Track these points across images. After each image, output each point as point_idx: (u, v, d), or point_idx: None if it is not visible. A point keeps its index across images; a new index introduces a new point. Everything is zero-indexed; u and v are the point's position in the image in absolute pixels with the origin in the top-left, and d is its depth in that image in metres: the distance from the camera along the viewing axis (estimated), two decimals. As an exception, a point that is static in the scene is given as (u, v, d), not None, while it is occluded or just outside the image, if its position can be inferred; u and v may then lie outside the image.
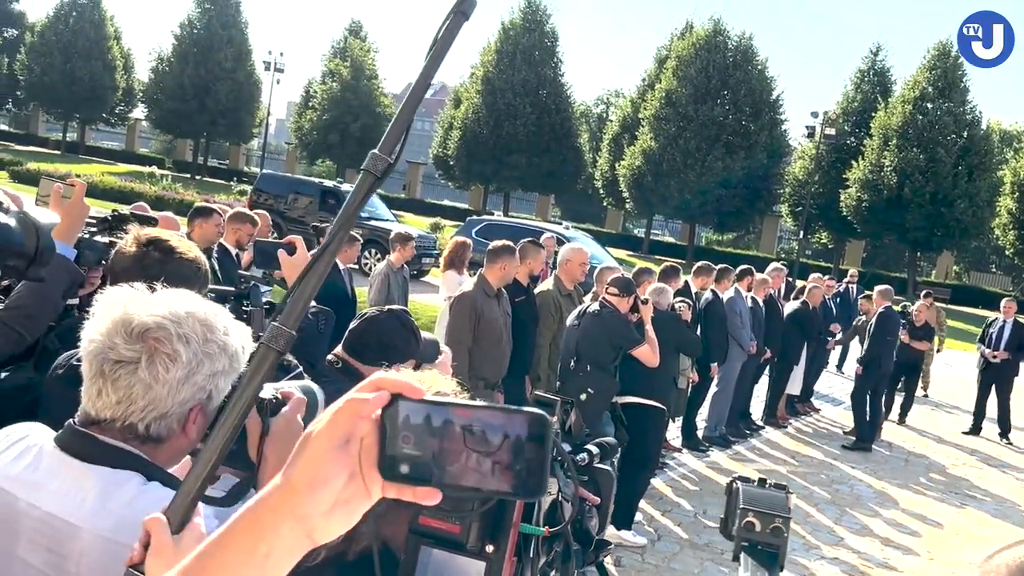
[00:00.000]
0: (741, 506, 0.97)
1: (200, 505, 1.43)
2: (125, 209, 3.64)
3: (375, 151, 1.09)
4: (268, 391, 1.45)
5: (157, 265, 2.33)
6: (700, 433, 10.02)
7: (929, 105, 37.58)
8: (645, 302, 6.68)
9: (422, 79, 1.11)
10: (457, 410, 0.81)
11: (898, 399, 12.89)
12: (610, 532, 6.75)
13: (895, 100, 38.88)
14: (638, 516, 7.05)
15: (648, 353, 6.53)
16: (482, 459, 0.80)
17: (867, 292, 14.24)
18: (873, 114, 39.18)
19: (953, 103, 37.39)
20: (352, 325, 3.02)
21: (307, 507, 0.83)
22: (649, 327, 6.63)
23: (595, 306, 6.60)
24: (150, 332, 1.42)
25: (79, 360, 2.18)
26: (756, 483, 0.99)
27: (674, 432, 9.71)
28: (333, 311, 3.17)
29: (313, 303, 3.70)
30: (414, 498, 0.82)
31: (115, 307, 1.45)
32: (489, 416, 0.80)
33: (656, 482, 8.05)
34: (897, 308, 13.28)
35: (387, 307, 3.11)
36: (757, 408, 11.69)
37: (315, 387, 1.60)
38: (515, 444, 0.79)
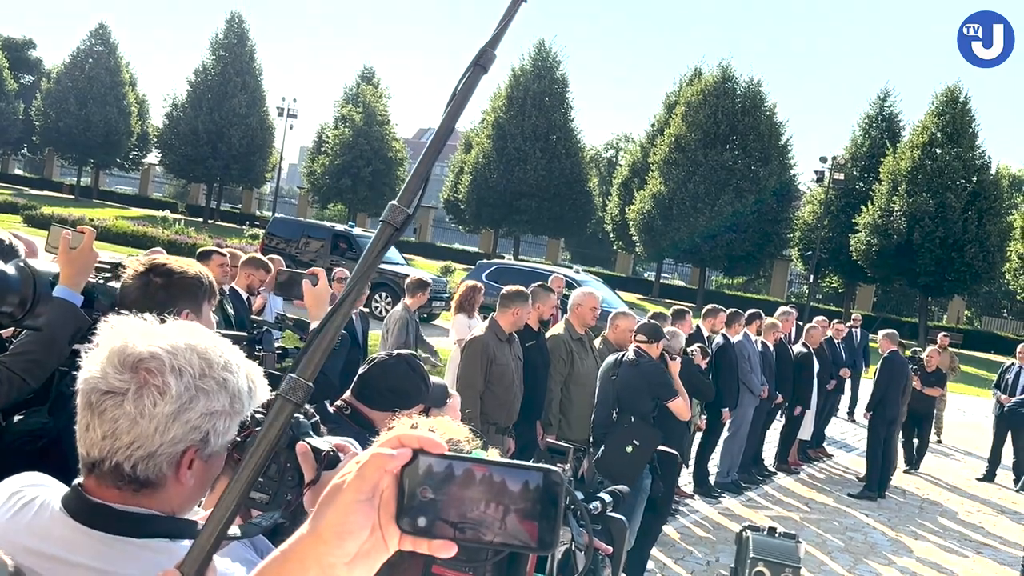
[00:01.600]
0: (752, 555, 0.98)
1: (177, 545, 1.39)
2: (139, 254, 3.68)
3: (394, 203, 1.09)
4: (326, 443, 1.45)
5: (161, 290, 2.36)
6: (712, 479, 9.94)
7: (938, 150, 37.69)
8: (673, 358, 6.67)
9: (442, 131, 1.12)
10: (474, 465, 0.84)
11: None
12: None
13: (904, 145, 39.02)
14: (650, 564, 6.96)
15: (683, 406, 6.50)
16: (497, 513, 0.83)
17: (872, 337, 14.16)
18: (882, 159, 39.30)
19: (962, 148, 37.49)
20: (361, 371, 3.00)
21: (333, 556, 0.87)
22: (678, 381, 6.60)
23: (631, 355, 6.53)
24: (143, 362, 1.31)
25: None
26: (766, 532, 1.00)
27: (686, 478, 9.63)
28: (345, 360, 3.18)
29: None
30: (430, 550, 0.85)
31: (116, 337, 1.35)
32: (505, 471, 0.84)
33: (668, 529, 7.97)
34: (907, 353, 13.20)
35: (396, 351, 3.11)
36: (769, 454, 11.59)
37: (355, 443, 1.58)
38: (530, 499, 0.82)
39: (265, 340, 2.96)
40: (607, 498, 1.93)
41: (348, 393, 2.97)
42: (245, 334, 3.03)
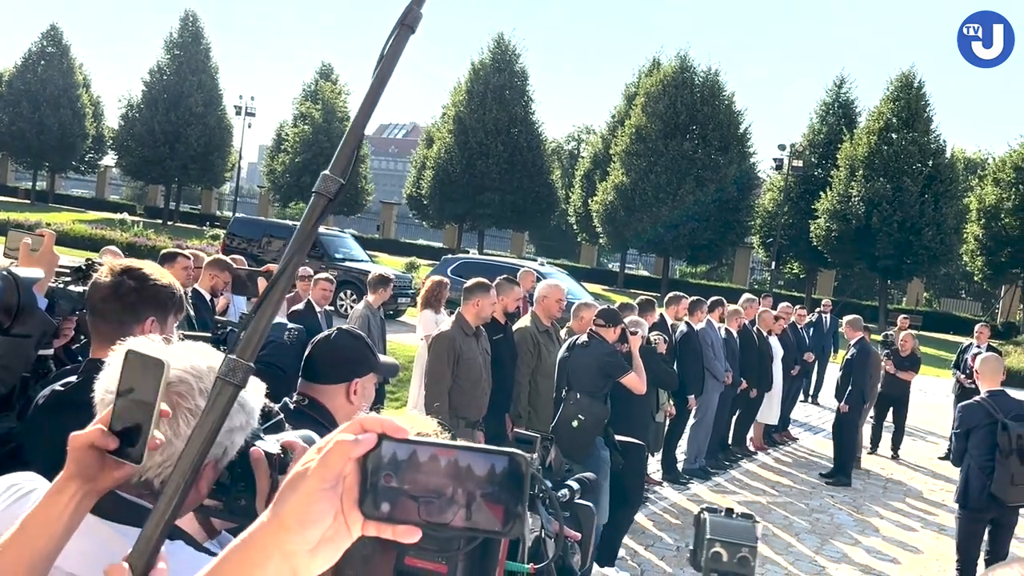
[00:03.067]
0: (708, 536, 1.00)
1: (187, 551, 1.43)
2: (98, 257, 3.64)
3: (326, 172, 1.06)
4: (274, 444, 1.44)
5: (133, 293, 2.35)
6: (680, 466, 10.03)
7: (894, 135, 38.20)
8: (634, 333, 6.77)
9: (371, 95, 1.09)
10: (439, 450, 0.84)
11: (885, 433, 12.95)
12: (594, 570, 6.72)
13: (860, 131, 39.50)
14: (621, 551, 7.03)
15: (636, 381, 6.61)
16: (462, 498, 0.82)
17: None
18: (839, 145, 39.76)
19: (917, 132, 38.03)
20: (306, 353, 2.93)
21: (295, 544, 0.86)
22: (637, 356, 6.73)
23: (583, 338, 6.69)
24: (172, 387, 1.39)
25: (63, 385, 2.17)
26: (723, 513, 1.02)
27: (654, 466, 9.71)
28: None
29: (289, 323, 3.67)
30: (394, 535, 0.85)
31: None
32: (469, 455, 0.83)
33: (638, 516, 8.03)
34: (878, 338, 13.37)
35: (335, 327, 3.05)
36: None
37: (315, 436, 1.58)
38: (495, 483, 0.82)
39: (229, 340, 2.93)
40: (575, 485, 1.95)
41: (300, 381, 2.91)
42: (209, 334, 3.01)
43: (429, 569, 1.48)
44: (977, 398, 6.46)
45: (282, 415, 1.60)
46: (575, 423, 6.23)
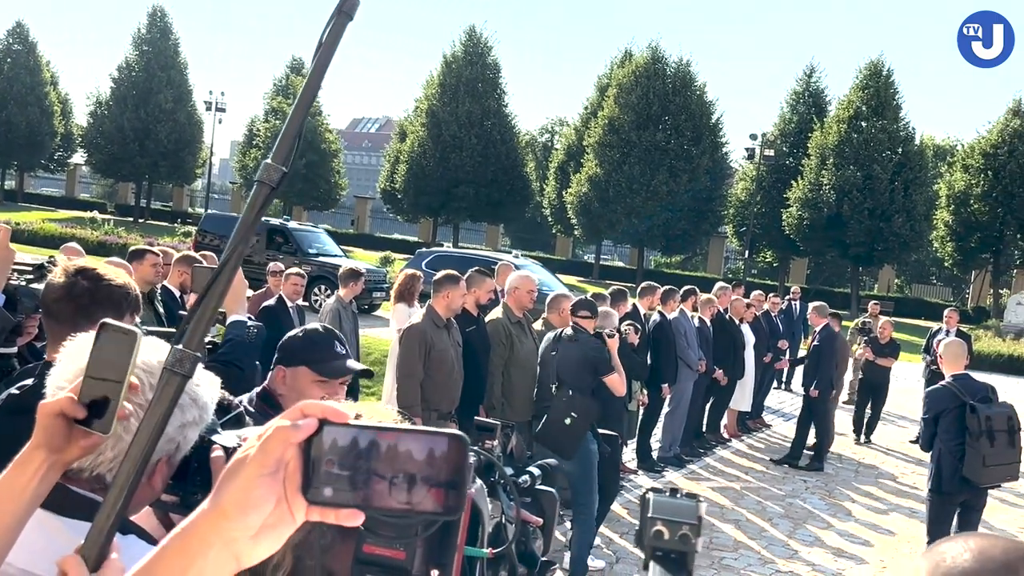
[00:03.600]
0: (650, 515, 1.02)
1: (140, 545, 1.43)
2: (61, 255, 3.62)
3: (267, 161, 1.06)
4: (232, 438, 1.44)
5: (87, 294, 2.34)
6: (655, 454, 10.09)
7: (863, 123, 38.52)
8: (611, 335, 6.79)
9: (310, 85, 1.09)
10: (379, 433, 0.84)
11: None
12: (569, 559, 6.76)
13: (830, 120, 39.80)
14: (596, 540, 7.07)
15: (618, 382, 6.63)
16: (404, 481, 0.83)
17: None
18: (810, 134, 40.04)
19: (887, 120, 38.37)
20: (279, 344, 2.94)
21: (235, 531, 0.86)
22: (617, 360, 6.72)
23: (569, 331, 6.68)
24: None
25: (19, 388, 2.16)
26: (668, 493, 1.04)
27: (629, 455, 9.77)
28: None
29: (251, 320, 3.62)
30: (337, 520, 0.85)
31: (84, 356, 1.37)
32: (411, 438, 0.84)
33: (613, 505, 8.07)
34: (849, 324, 13.43)
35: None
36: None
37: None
38: (436, 466, 0.83)
39: (178, 332, 2.92)
40: (536, 471, 1.97)
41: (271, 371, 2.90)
42: (173, 330, 3.00)
43: (387, 555, 1.49)
44: (943, 383, 6.54)
45: (242, 407, 1.60)
46: (568, 420, 6.24)
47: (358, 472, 0.84)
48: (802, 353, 13.08)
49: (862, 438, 12.68)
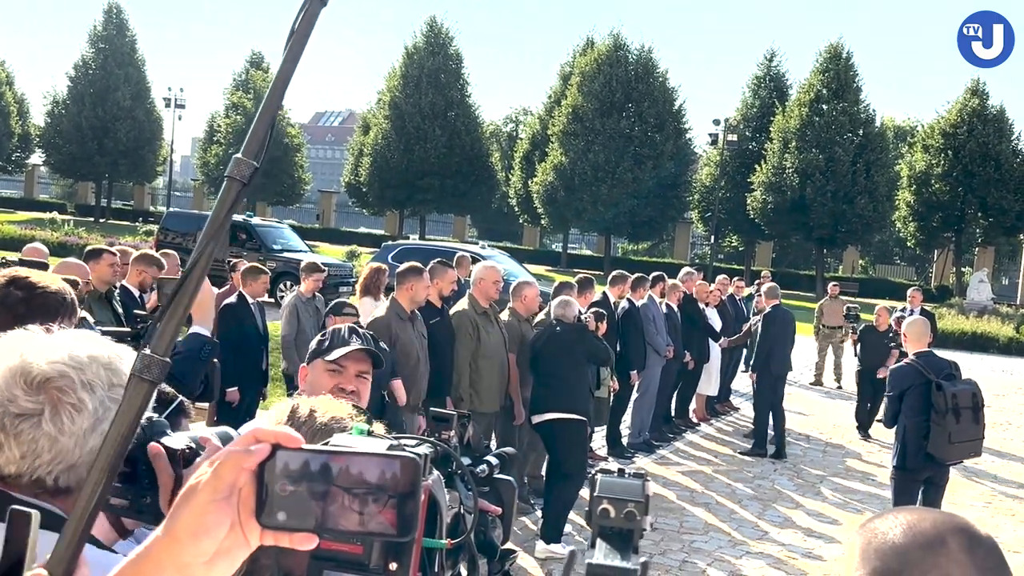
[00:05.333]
0: (596, 495, 1.04)
1: (93, 552, 1.39)
2: (13, 256, 3.54)
3: (238, 156, 1.03)
4: (183, 440, 1.42)
5: (21, 304, 2.30)
6: (625, 440, 10.13)
7: (824, 106, 38.90)
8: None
9: (283, 74, 1.06)
10: (331, 458, 0.85)
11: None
12: (540, 547, 6.78)
13: (792, 103, 40.14)
14: (567, 527, 7.09)
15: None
16: (355, 504, 0.84)
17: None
18: (772, 118, 40.38)
19: (847, 103, 38.77)
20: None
21: (189, 556, 0.86)
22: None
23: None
24: (52, 382, 1.33)
25: None
26: (616, 473, 1.05)
27: (599, 441, 9.80)
28: (245, 351, 3.11)
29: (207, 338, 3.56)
30: (291, 544, 0.86)
31: (11, 355, 1.35)
32: (363, 461, 0.85)
33: (584, 492, 8.10)
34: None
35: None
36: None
37: (232, 432, 1.55)
38: (387, 489, 0.84)
39: (148, 335, 2.88)
40: (494, 460, 1.96)
41: None
42: (128, 330, 2.95)
43: (345, 550, 1.47)
44: (906, 360, 6.62)
45: (181, 398, 1.57)
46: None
47: (311, 496, 0.85)
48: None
49: (864, 435, 12.33)
